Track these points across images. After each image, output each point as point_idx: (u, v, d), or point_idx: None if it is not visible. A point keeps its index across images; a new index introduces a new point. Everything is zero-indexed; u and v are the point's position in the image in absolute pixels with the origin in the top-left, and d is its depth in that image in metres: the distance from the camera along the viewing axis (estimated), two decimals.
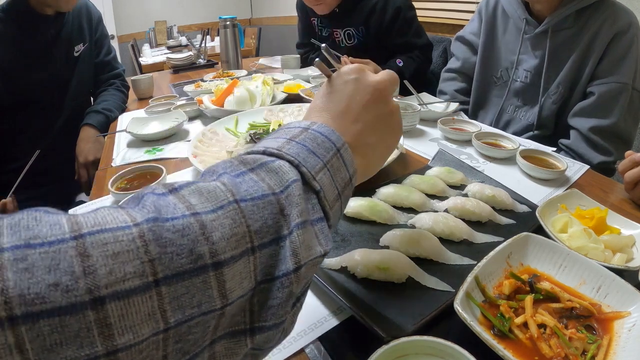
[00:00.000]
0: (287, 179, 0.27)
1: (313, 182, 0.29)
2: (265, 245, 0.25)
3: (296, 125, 0.33)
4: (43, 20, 1.17)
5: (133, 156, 0.94)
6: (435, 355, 0.37)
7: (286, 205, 0.26)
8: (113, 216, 0.20)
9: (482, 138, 0.88)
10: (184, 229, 0.21)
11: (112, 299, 0.18)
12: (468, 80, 1.28)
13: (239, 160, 0.28)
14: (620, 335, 0.40)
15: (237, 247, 0.23)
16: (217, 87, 1.24)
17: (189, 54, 2.04)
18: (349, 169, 0.33)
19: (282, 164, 0.28)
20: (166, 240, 0.20)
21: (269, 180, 0.27)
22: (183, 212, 0.22)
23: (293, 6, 1.83)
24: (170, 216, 0.22)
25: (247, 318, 0.25)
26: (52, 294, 0.17)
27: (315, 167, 0.30)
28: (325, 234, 0.29)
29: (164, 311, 0.20)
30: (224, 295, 0.22)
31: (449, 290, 0.46)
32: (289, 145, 0.30)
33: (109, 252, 0.18)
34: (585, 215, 0.58)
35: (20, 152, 1.23)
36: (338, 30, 1.59)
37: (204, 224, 0.22)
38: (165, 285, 0.20)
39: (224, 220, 0.23)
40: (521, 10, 1.06)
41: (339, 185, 0.31)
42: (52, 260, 0.17)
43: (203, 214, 0.23)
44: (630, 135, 0.99)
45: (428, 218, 0.57)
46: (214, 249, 0.22)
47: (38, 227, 0.18)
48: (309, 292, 0.49)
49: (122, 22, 3.79)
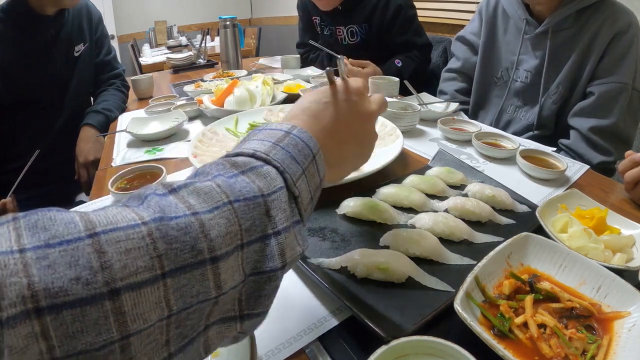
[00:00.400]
0: (274, 185, 0.30)
1: (293, 188, 0.31)
2: (252, 242, 0.27)
3: (278, 127, 0.35)
4: (43, 20, 1.17)
5: (133, 156, 0.94)
6: (435, 355, 0.37)
7: (272, 208, 0.29)
8: (122, 215, 0.22)
9: (482, 138, 0.88)
10: (186, 227, 0.24)
11: (126, 290, 0.20)
12: (468, 81, 1.28)
13: (230, 164, 0.30)
14: (620, 335, 0.40)
15: (231, 244, 0.25)
16: (217, 87, 1.24)
17: (189, 54, 2.03)
18: (320, 174, 0.36)
19: (270, 169, 0.30)
20: (171, 238, 0.23)
21: (259, 182, 0.29)
22: (184, 211, 0.24)
23: (293, 6, 1.83)
24: (173, 215, 0.24)
25: (236, 306, 0.28)
26: (73, 287, 0.19)
27: (296, 174, 0.32)
28: (302, 235, 0.32)
29: (168, 300, 0.22)
30: (219, 286, 0.25)
31: (449, 290, 0.46)
32: (275, 151, 0.32)
33: (122, 249, 0.21)
34: (585, 215, 0.58)
35: (20, 152, 1.22)
36: (341, 28, 1.59)
37: (203, 223, 0.24)
38: (171, 277, 0.22)
39: (220, 219, 0.25)
40: (521, 11, 1.06)
41: (312, 189, 0.34)
42: (71, 257, 0.19)
43: (202, 214, 0.25)
44: (630, 135, 0.99)
45: (428, 218, 0.57)
46: (211, 245, 0.24)
47: (55, 227, 0.20)
48: (309, 292, 0.49)
49: (122, 22, 3.79)
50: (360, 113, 0.43)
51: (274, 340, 0.42)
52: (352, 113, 0.42)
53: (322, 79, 1.41)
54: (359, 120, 0.43)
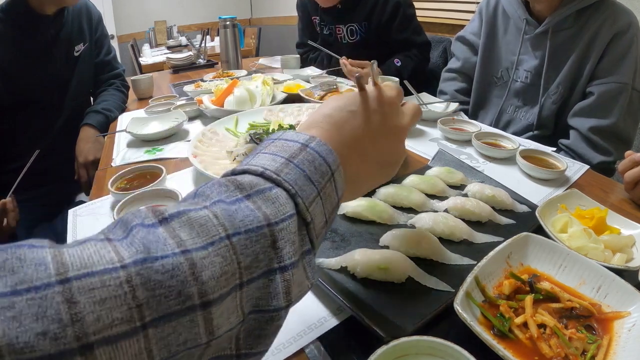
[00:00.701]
0: (284, 212, 0.26)
1: (306, 214, 0.28)
2: (253, 279, 0.24)
3: (294, 138, 0.31)
4: (43, 20, 1.17)
5: (133, 156, 0.94)
6: (435, 355, 0.37)
7: (279, 239, 0.25)
8: (100, 254, 0.20)
9: (482, 138, 0.88)
10: (173, 269, 0.21)
11: (100, 345, 0.18)
12: (468, 81, 1.28)
13: (235, 185, 0.27)
14: (620, 335, 0.40)
15: (227, 285, 0.23)
16: (217, 87, 1.24)
17: (189, 54, 2.03)
18: (338, 193, 0.32)
19: (280, 193, 0.27)
20: (155, 283, 0.20)
21: (265, 209, 0.26)
22: (173, 249, 0.22)
23: (293, 6, 1.83)
24: (159, 254, 0.21)
25: (233, 345, 0.25)
26: (40, 342, 0.17)
27: (310, 197, 0.28)
28: (312, 267, 0.29)
29: (150, 351, 0.20)
30: (211, 332, 0.22)
31: (449, 290, 0.46)
32: (287, 169, 0.28)
33: (96, 299, 0.18)
34: (585, 215, 0.58)
35: (20, 152, 1.22)
36: (341, 27, 1.59)
37: (194, 263, 0.22)
38: (153, 327, 0.20)
39: (214, 258, 0.22)
40: (521, 11, 1.06)
41: (327, 211, 0.31)
42: (39, 307, 0.17)
43: (193, 251, 0.22)
44: (630, 135, 0.99)
45: (428, 218, 0.57)
46: (202, 290, 0.21)
47: (23, 269, 0.18)
48: (309, 292, 0.49)
49: (122, 22, 3.79)
50: (390, 128, 0.38)
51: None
52: (381, 127, 0.38)
53: (322, 79, 1.41)
54: (388, 136, 0.38)
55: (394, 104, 0.39)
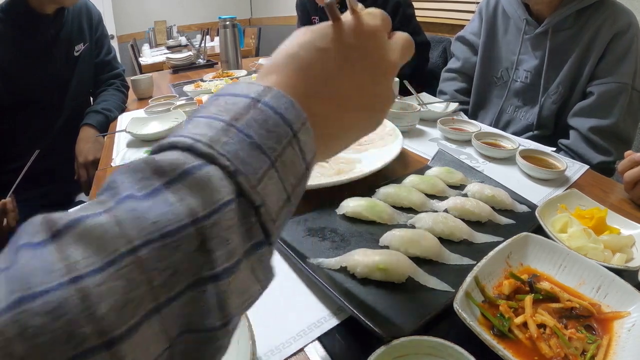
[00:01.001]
0: (217, 199, 0.20)
1: (252, 195, 0.21)
2: (175, 297, 0.19)
3: (244, 91, 0.24)
4: (43, 20, 1.17)
5: (133, 156, 0.94)
6: (435, 355, 0.37)
7: (210, 238, 0.19)
8: None
9: (482, 138, 0.88)
10: (58, 306, 0.16)
11: None
12: (468, 81, 1.28)
13: (152, 169, 0.20)
14: (620, 335, 0.40)
15: (135, 315, 0.17)
16: (217, 87, 1.24)
17: (189, 54, 2.03)
18: (306, 157, 0.25)
19: (213, 172, 0.20)
20: (34, 330, 0.15)
21: (190, 199, 0.19)
22: (60, 278, 0.16)
23: (293, 6, 1.83)
24: (41, 288, 0.16)
25: None
26: None
27: (259, 172, 0.21)
28: (264, 265, 0.22)
29: None
30: None
31: (448, 290, 0.46)
32: (227, 137, 0.21)
33: None
34: (585, 215, 0.58)
35: (20, 152, 1.22)
36: None
37: (87, 294, 0.16)
38: None
39: (114, 282, 0.17)
40: (521, 11, 1.06)
41: (289, 185, 0.24)
42: None
43: (86, 277, 0.16)
44: (630, 135, 0.99)
45: (428, 218, 0.57)
46: (101, 327, 0.16)
47: None
48: (309, 291, 0.49)
49: (122, 22, 3.79)
50: (375, 64, 0.30)
51: (274, 340, 0.42)
52: (363, 65, 0.30)
53: None
54: (373, 75, 0.30)
55: (378, 35, 0.31)
